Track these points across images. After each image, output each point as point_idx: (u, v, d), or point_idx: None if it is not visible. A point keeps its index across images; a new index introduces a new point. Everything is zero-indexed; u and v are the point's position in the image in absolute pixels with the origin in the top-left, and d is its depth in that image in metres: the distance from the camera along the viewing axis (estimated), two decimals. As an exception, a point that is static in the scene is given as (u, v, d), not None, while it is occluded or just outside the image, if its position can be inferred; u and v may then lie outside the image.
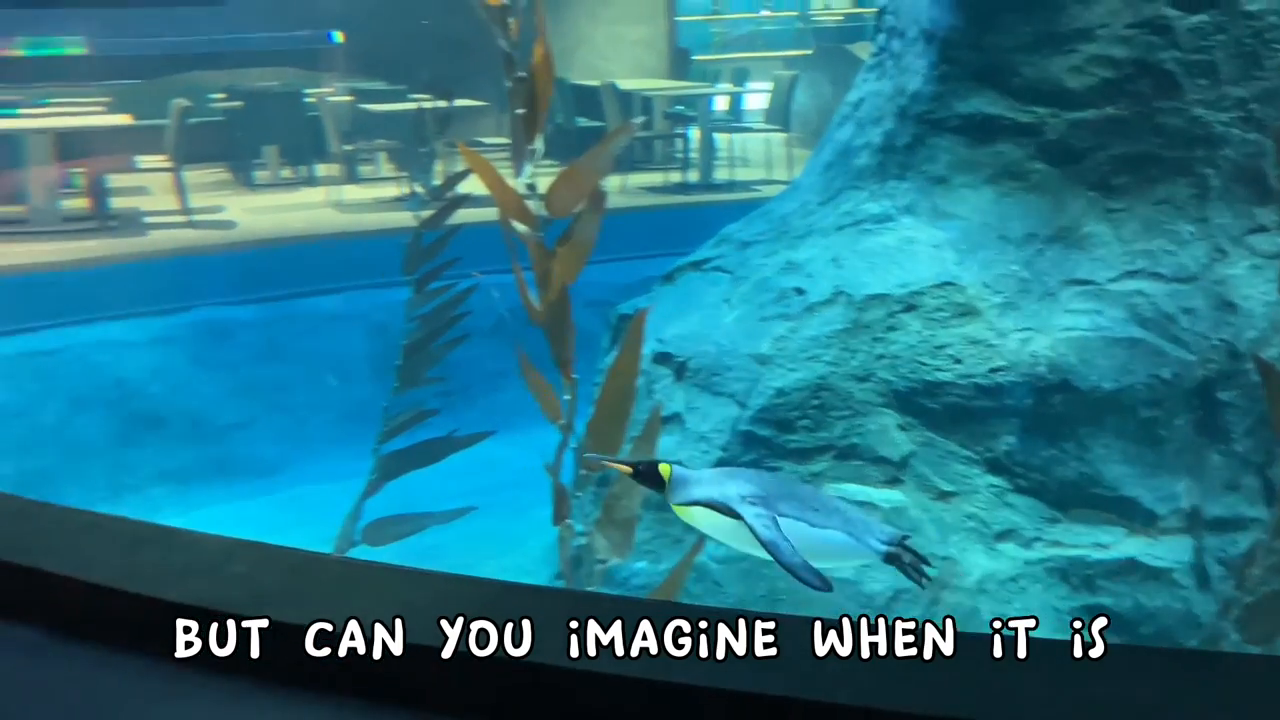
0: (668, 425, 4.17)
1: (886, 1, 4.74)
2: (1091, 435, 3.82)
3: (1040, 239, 4.03)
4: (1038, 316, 3.91)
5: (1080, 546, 3.81)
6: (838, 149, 4.70)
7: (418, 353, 5.13)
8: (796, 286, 4.24)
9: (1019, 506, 3.87)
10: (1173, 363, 3.77)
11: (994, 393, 3.87)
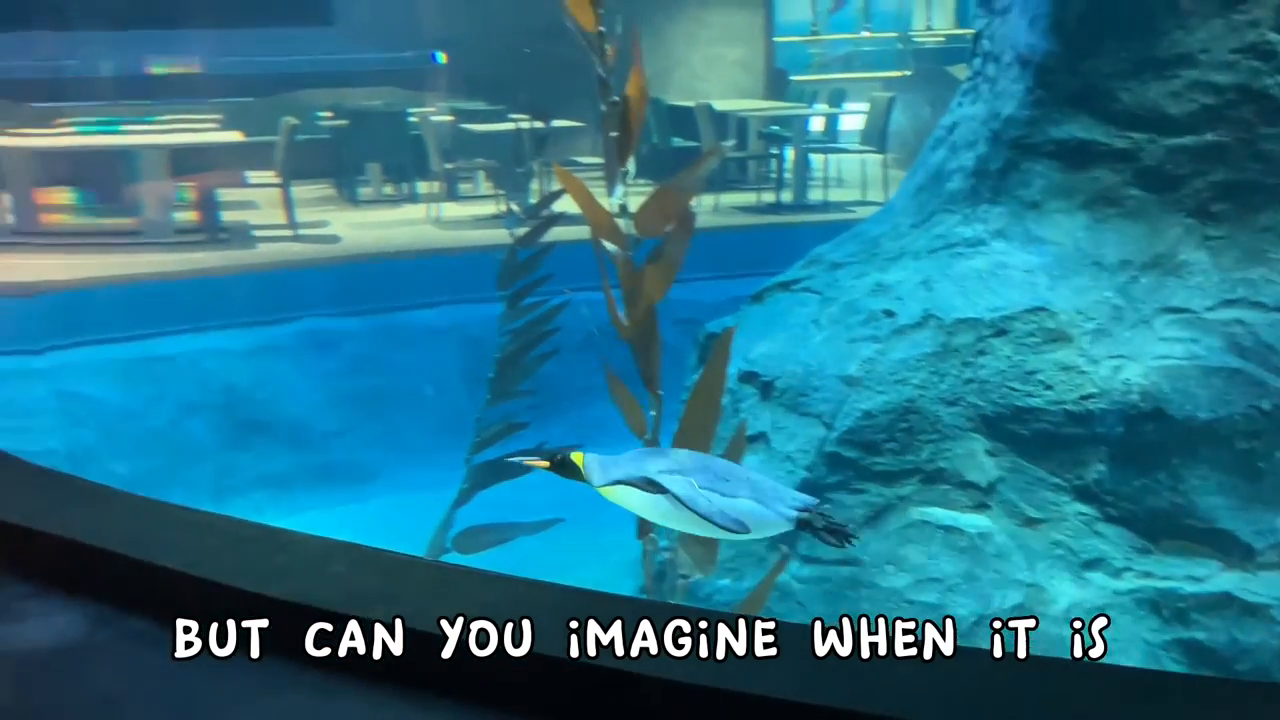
0: (753, 445, 4.21)
1: (982, 26, 4.73)
2: (1186, 466, 3.75)
3: (1135, 266, 3.98)
4: (1131, 344, 3.86)
5: (1173, 578, 3.74)
6: (930, 172, 4.70)
7: (510, 366, 5.24)
8: (886, 309, 4.25)
9: (1109, 535, 3.81)
10: (1273, 394, 3.69)
11: (1085, 420, 3.82)
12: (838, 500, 4.02)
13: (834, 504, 4.06)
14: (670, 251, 3.07)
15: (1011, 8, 4.53)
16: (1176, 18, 3.91)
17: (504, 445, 5.16)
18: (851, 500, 4.00)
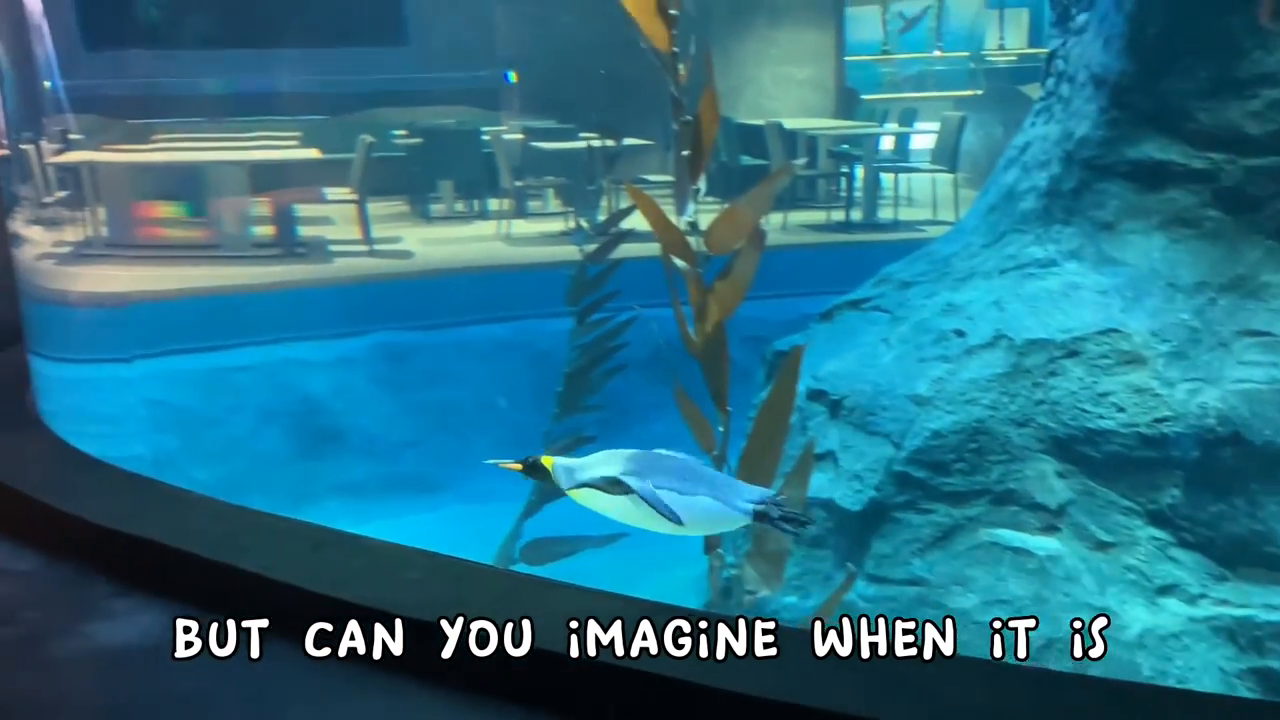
0: (821, 463, 4.22)
1: (1056, 46, 4.70)
2: (1265, 492, 3.68)
3: (1213, 288, 3.92)
4: (1208, 367, 3.80)
5: (1250, 606, 3.67)
6: (1002, 192, 4.68)
7: (578, 381, 5.30)
8: (956, 328, 4.23)
9: (1183, 561, 3.75)
10: (1355, 419, 3.62)
11: (1159, 443, 3.77)
12: (905, 520, 4.01)
13: (901, 523, 4.05)
14: (740, 268, 3.11)
15: (1087, 28, 4.50)
16: (1257, 37, 3.86)
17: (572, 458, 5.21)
18: (919, 520, 3.99)
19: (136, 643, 2.84)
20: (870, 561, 4.02)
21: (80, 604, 3.12)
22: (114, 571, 3.19)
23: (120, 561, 3.20)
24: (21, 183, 5.93)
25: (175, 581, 3.04)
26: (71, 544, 3.40)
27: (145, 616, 2.97)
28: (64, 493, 3.66)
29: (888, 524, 4.02)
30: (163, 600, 3.01)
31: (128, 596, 3.09)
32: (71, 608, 3.11)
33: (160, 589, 3.07)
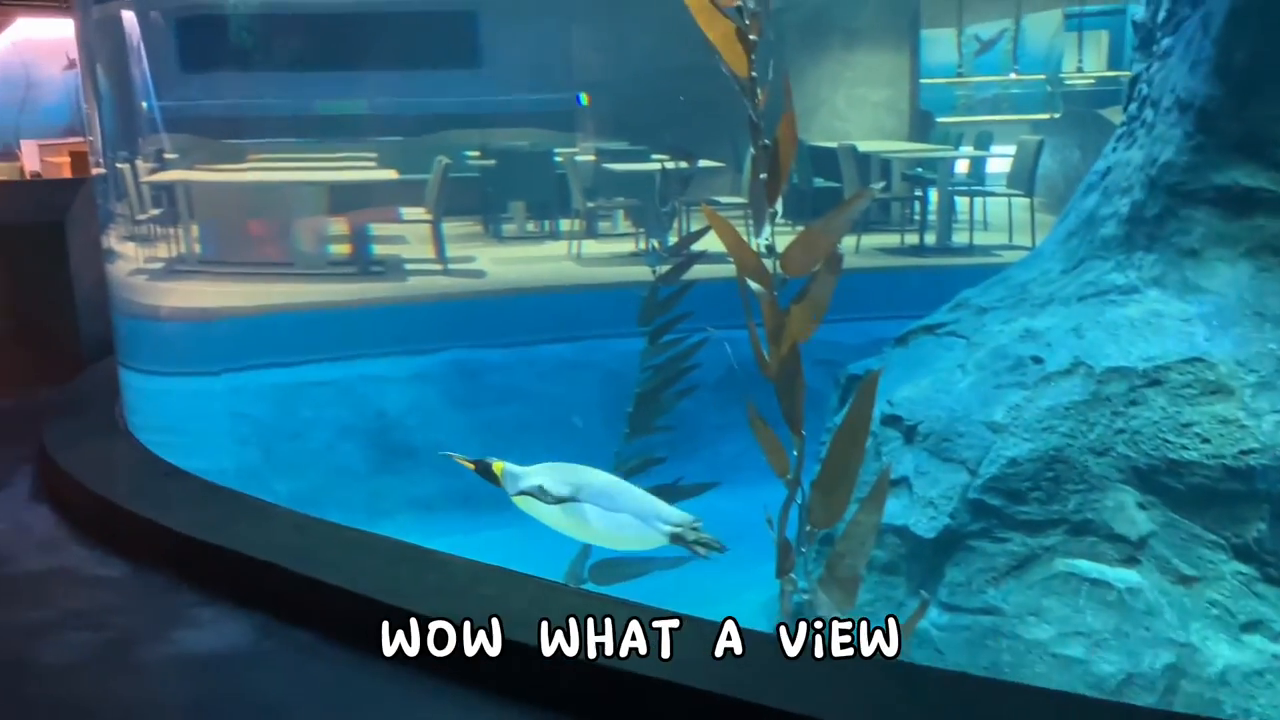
0: (895, 489, 4.19)
1: (1140, 70, 4.64)
2: (1355, 528, 3.58)
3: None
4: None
5: (1338, 645, 3.56)
6: (1082, 217, 4.62)
7: (649, 401, 5.32)
8: (1034, 355, 4.17)
9: (1269, 597, 3.65)
10: None
11: (1245, 476, 3.68)
12: (980, 548, 3.96)
13: (976, 551, 4.01)
14: (816, 292, 3.11)
15: (1172, 52, 4.43)
16: (1350, 62, 3.78)
17: (642, 479, 5.24)
18: (994, 549, 3.93)
19: (221, 650, 2.92)
20: (944, 589, 3.98)
21: (167, 611, 3.21)
22: (198, 580, 3.28)
23: (205, 571, 3.29)
24: (117, 200, 6.14)
25: (257, 591, 3.12)
26: (158, 553, 3.50)
27: (229, 625, 3.04)
28: (151, 502, 3.76)
29: (962, 552, 3.97)
30: (245, 609, 3.08)
31: (212, 605, 3.17)
32: (159, 615, 3.20)
33: (243, 598, 3.14)
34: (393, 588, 2.88)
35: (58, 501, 4.18)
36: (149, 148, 6.90)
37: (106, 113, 5.86)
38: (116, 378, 5.44)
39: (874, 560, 4.14)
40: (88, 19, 5.94)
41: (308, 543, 3.33)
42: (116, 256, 6.00)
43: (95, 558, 3.65)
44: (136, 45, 5.84)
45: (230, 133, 8.66)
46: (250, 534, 3.40)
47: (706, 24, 3.16)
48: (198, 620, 3.12)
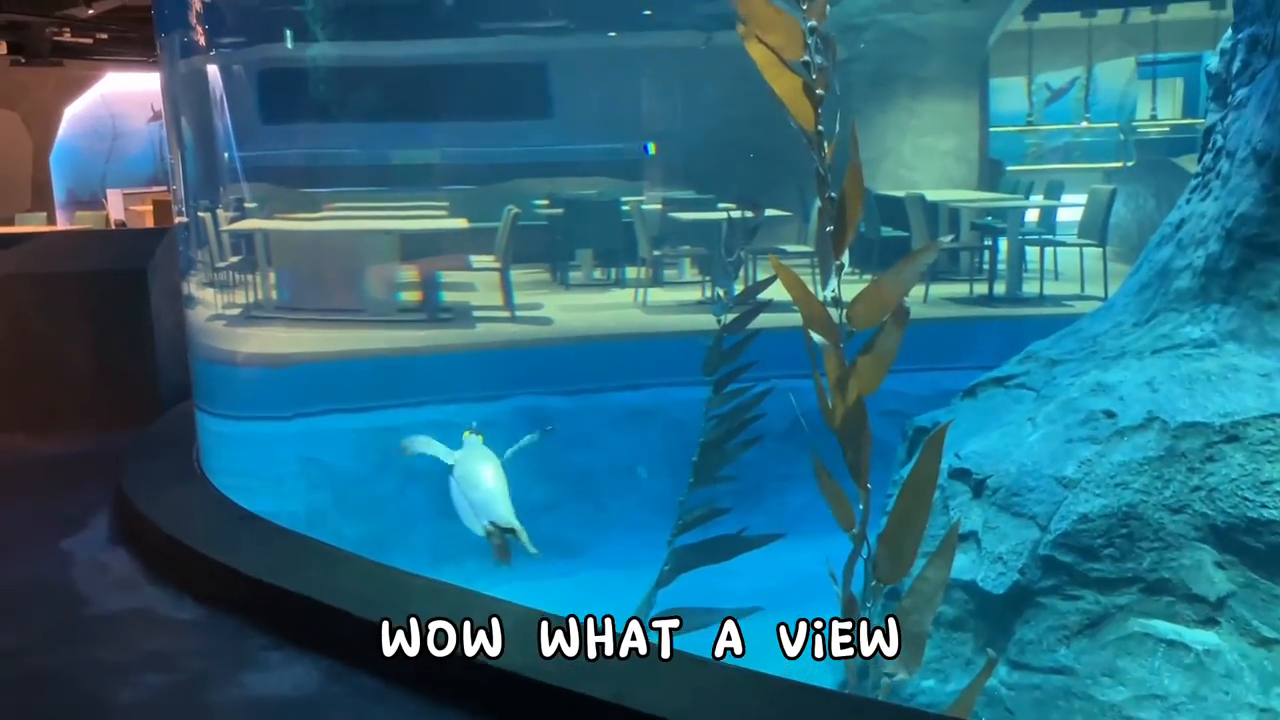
0: (963, 543, 4.12)
1: (1214, 120, 4.58)
2: None
3: (1387, 373, 3.72)
4: (1382, 456, 3.60)
5: None
6: (1155, 269, 4.55)
7: (713, 451, 5.32)
8: (1106, 409, 4.10)
9: (1355, 663, 3.53)
10: None
11: (1328, 536, 3.58)
12: (1051, 605, 3.88)
13: (1047, 609, 3.93)
14: (883, 345, 3.10)
15: (1248, 101, 4.37)
16: None
17: (706, 529, 5.23)
18: (1066, 606, 3.85)
19: (288, 693, 2.96)
20: (1013, 648, 3.90)
21: (237, 654, 3.27)
22: (268, 624, 3.33)
23: (275, 614, 3.35)
24: (198, 247, 6.33)
25: (326, 636, 3.16)
26: (230, 596, 3.57)
27: (297, 669, 3.09)
28: (224, 546, 3.84)
29: (1032, 609, 3.89)
30: (313, 654, 3.13)
31: (281, 649, 3.22)
32: (228, 658, 3.26)
33: (312, 643, 3.19)
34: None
35: (135, 543, 4.29)
36: (229, 196, 7.12)
37: (189, 162, 6.07)
38: (193, 422, 5.58)
39: (941, 616, 4.07)
40: (173, 72, 6.17)
41: (375, 588, 3.38)
42: (196, 302, 6.19)
43: (169, 599, 3.73)
44: (219, 97, 6.05)
45: (306, 182, 8.91)
46: (320, 579, 3.46)
47: (774, 78, 3.19)
48: (267, 663, 3.17)
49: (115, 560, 4.15)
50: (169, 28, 6.16)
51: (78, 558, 4.21)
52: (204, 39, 6.23)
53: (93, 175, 19.81)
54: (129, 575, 3.99)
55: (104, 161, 20.14)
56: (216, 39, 6.28)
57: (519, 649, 2.85)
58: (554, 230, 11.10)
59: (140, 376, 6.30)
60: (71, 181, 19.77)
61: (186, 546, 3.88)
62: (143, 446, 5.52)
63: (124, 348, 6.29)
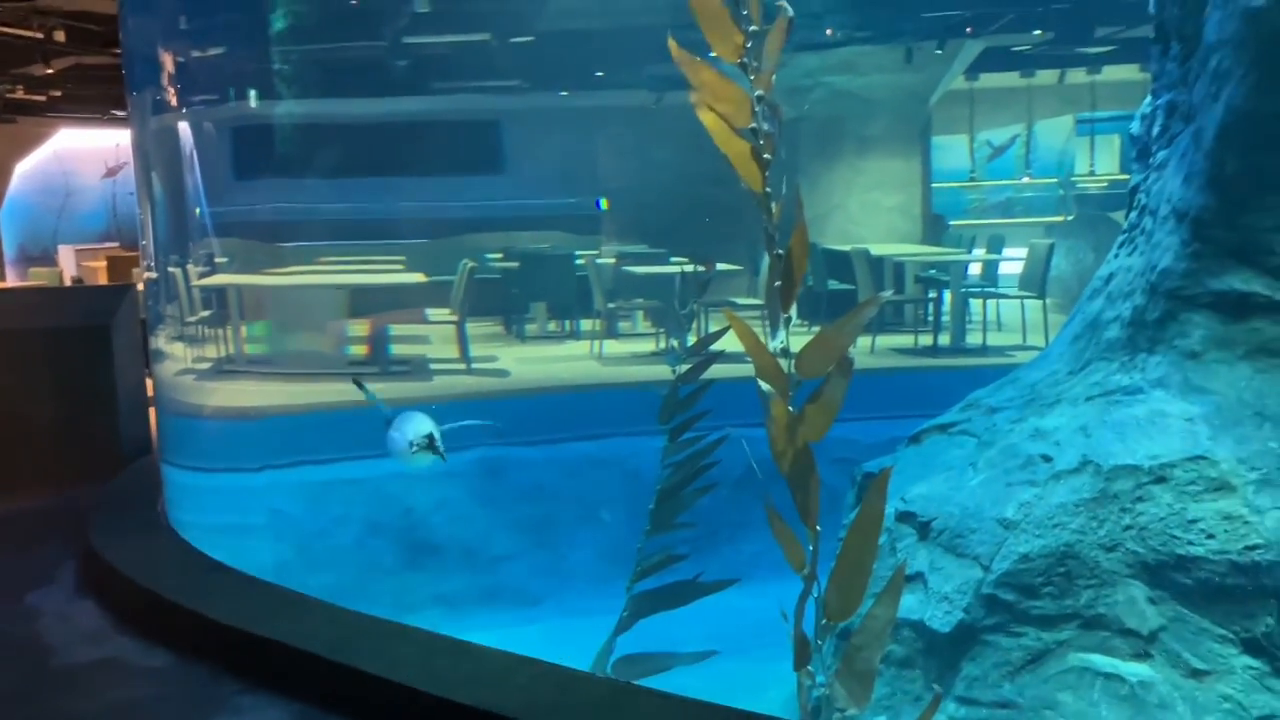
0: (910, 584, 4.29)
1: (1138, 180, 4.86)
2: (1361, 622, 3.66)
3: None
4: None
5: (1351, 739, 3.62)
6: (1087, 321, 4.79)
7: (670, 498, 5.47)
8: (1043, 453, 4.31)
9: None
10: None
11: (1251, 571, 3.78)
12: (995, 642, 4.05)
13: (991, 646, 4.09)
14: (829, 394, 3.27)
15: (1168, 163, 4.65)
16: (1335, 174, 3.98)
17: (664, 576, 5.36)
18: (1009, 643, 4.02)
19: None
20: (960, 684, 4.06)
21: (209, 700, 3.34)
22: (239, 670, 3.40)
23: (246, 661, 3.42)
24: (167, 303, 6.41)
25: (296, 680, 3.24)
26: (201, 643, 3.63)
27: (270, 713, 3.16)
28: (194, 595, 3.91)
29: (977, 646, 4.06)
30: (285, 698, 3.20)
31: (253, 694, 3.29)
32: (201, 703, 3.33)
33: (283, 687, 3.27)
34: (430, 677, 3.01)
35: (102, 595, 4.34)
36: (198, 251, 7.21)
37: (159, 218, 6.17)
38: (156, 476, 5.62)
39: (890, 655, 4.23)
40: (144, 130, 6.29)
41: (345, 633, 3.47)
42: (165, 357, 6.24)
43: (140, 649, 3.78)
44: (189, 153, 6.17)
45: (268, 237, 9.01)
46: (289, 625, 3.54)
47: (724, 143, 3.38)
48: (239, 708, 3.24)
49: (83, 613, 4.19)
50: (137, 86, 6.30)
51: (45, 610, 4.24)
52: (169, 97, 6.37)
53: (44, 231, 19.72)
54: (98, 626, 4.04)
55: (56, 218, 20.06)
56: (184, 96, 6.41)
57: (488, 689, 2.96)
58: (509, 284, 11.26)
59: (103, 432, 6.34)
60: (23, 237, 19.66)
61: (156, 595, 3.94)
62: (108, 500, 5.55)
63: (87, 403, 6.33)
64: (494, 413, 7.68)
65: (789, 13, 3.38)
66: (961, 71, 14.73)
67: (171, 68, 6.14)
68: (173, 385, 6.13)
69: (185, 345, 7.19)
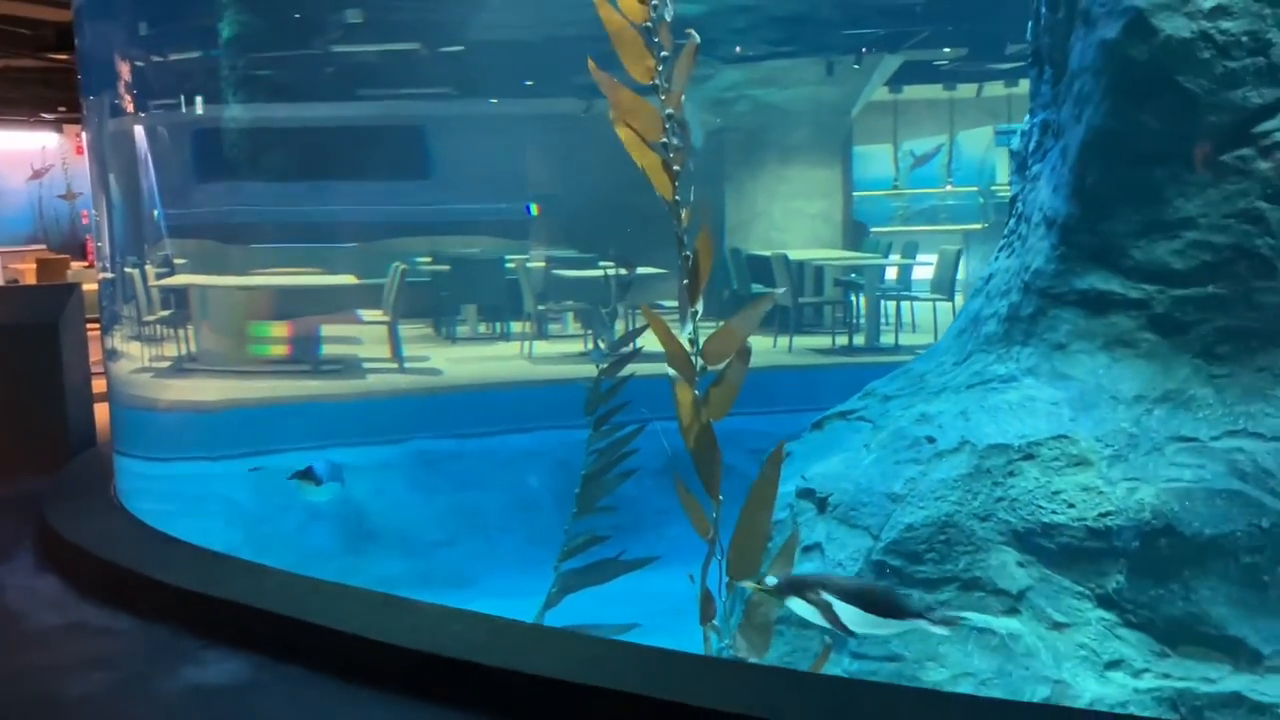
0: (809, 553, 4.75)
1: (1016, 190, 5.38)
2: (1196, 578, 4.16)
3: (1149, 400, 4.47)
4: (1145, 469, 4.33)
5: (1188, 679, 4.11)
6: (970, 317, 5.30)
7: (594, 483, 5.87)
8: (928, 435, 4.78)
9: (1129, 640, 4.22)
10: (1271, 514, 4.11)
11: (1104, 535, 4.27)
12: (883, 603, 4.50)
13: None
14: (729, 378, 3.71)
15: (1040, 176, 5.17)
16: (1178, 186, 4.48)
17: (590, 556, 5.76)
18: (895, 604, 4.48)
19: (224, 682, 3.36)
20: (853, 641, 4.51)
21: (173, 655, 3.65)
22: (199, 629, 3.72)
23: (204, 620, 3.73)
24: (124, 303, 6.66)
25: (253, 636, 3.57)
26: (161, 607, 3.94)
27: (230, 664, 3.49)
28: (153, 564, 4.21)
29: (868, 607, 4.51)
30: (245, 652, 3.53)
31: (214, 649, 3.61)
32: (165, 658, 3.64)
33: (241, 642, 3.59)
34: (377, 627, 3.36)
35: (63, 569, 4.61)
36: (153, 253, 7.43)
37: (111, 220, 6.40)
38: (105, 464, 5.87)
39: (791, 617, 4.66)
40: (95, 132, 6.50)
41: (297, 594, 3.80)
42: (120, 355, 6.46)
43: (104, 614, 4.07)
44: (144, 156, 6.40)
45: (224, 238, 9.22)
46: (244, 587, 3.86)
47: (638, 156, 3.81)
48: (201, 660, 3.57)
49: (46, 585, 4.46)
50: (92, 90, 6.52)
51: (8, 584, 4.51)
52: (114, 101, 6.60)
53: (-33, 236, 19.55)
54: (61, 597, 4.31)
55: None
56: (130, 101, 6.64)
57: (428, 635, 3.33)
58: (439, 286, 11.55)
59: (51, 425, 6.57)
60: (-56, 240, 19.45)
61: (115, 566, 4.23)
62: (59, 487, 5.79)
63: (35, 398, 6.55)
64: (428, 408, 8.03)
65: (696, 39, 3.82)
66: (881, 84, 15.28)
67: (122, 73, 6.39)
68: (126, 381, 6.38)
69: (139, 343, 7.44)
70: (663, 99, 3.79)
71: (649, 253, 10.35)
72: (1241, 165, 4.35)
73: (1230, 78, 4.35)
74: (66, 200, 20.53)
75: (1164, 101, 4.44)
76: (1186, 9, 4.38)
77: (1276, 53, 4.29)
